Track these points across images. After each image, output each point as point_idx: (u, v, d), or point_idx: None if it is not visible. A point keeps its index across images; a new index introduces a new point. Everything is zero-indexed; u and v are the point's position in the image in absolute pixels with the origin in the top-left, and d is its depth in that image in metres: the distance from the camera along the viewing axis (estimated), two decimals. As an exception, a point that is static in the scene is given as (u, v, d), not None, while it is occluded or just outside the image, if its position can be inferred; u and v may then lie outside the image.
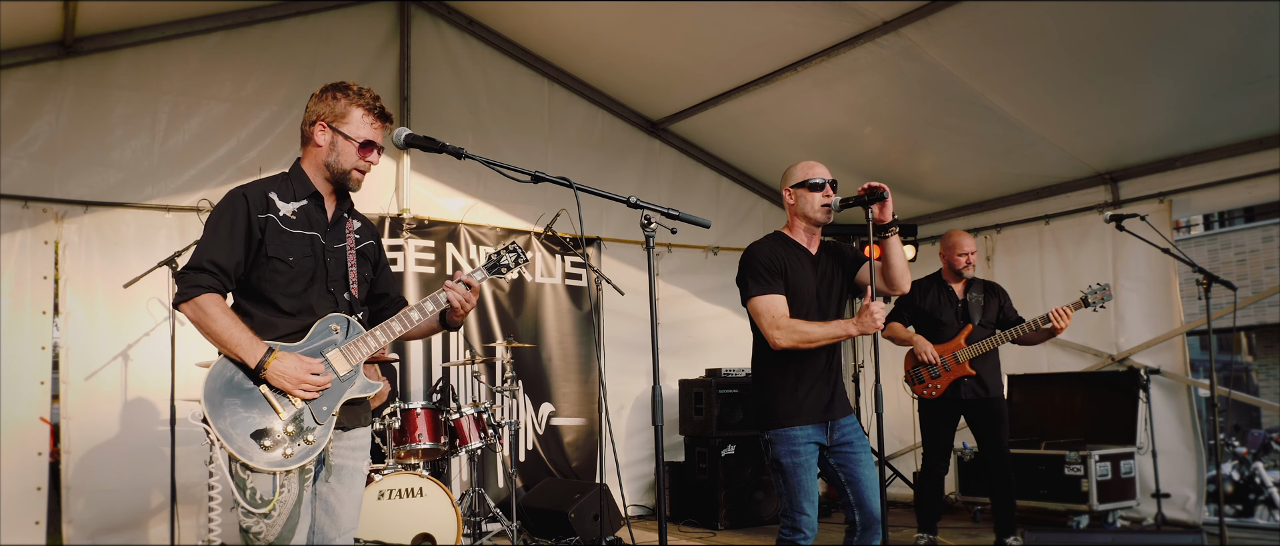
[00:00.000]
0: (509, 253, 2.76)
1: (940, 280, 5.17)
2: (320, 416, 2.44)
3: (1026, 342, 4.90)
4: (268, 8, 5.90)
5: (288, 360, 2.38)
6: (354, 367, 2.51)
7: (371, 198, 6.19)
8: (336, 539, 2.53)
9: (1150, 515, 5.83)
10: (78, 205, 5.28)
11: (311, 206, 2.58)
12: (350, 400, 2.52)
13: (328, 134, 2.55)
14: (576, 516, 5.32)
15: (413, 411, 4.93)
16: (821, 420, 3.19)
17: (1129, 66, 5.14)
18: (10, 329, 5.07)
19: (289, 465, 2.37)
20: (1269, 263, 14.96)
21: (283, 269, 2.48)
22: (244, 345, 2.36)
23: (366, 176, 2.64)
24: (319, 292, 2.54)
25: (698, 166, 7.69)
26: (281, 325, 2.48)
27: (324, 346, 2.49)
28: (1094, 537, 4.94)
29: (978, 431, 5.04)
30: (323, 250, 2.56)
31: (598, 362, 6.79)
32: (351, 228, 2.67)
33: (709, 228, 2.83)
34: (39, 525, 5.06)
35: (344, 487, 2.55)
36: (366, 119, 2.55)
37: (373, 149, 2.57)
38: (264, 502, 2.34)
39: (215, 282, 2.40)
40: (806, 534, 3.12)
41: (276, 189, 2.54)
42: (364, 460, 2.64)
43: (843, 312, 3.33)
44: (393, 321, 2.57)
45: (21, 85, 5.21)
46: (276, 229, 2.48)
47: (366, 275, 2.70)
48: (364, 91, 2.57)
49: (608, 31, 6.34)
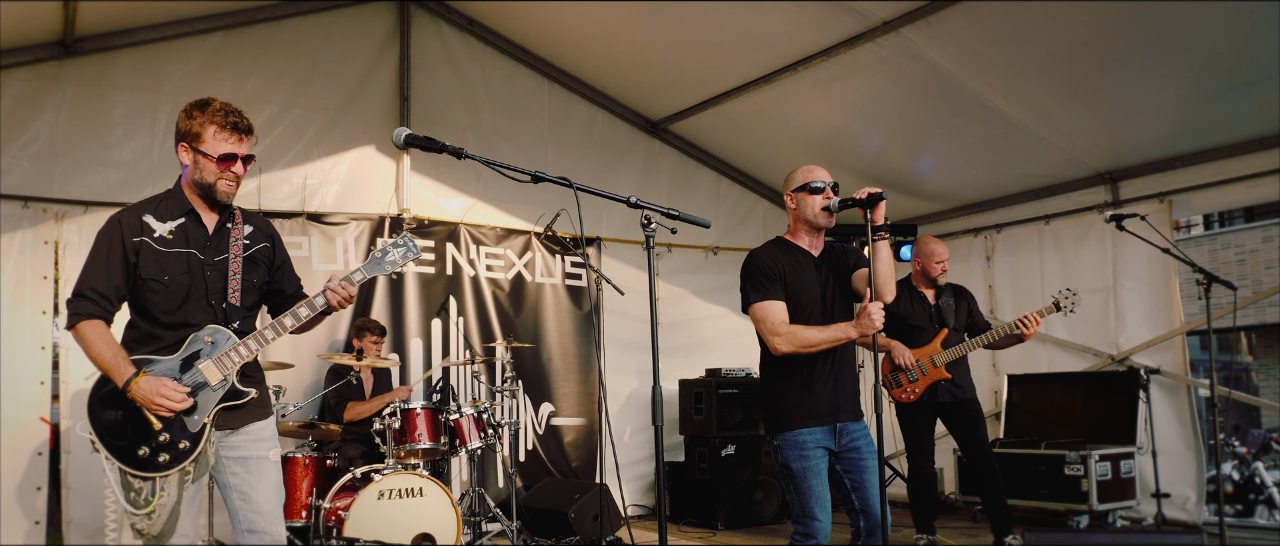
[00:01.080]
0: (397, 247, 2.84)
1: (911, 285, 5.19)
2: (193, 425, 2.64)
3: (996, 347, 4.97)
4: (268, 8, 5.90)
5: (145, 383, 2.57)
6: (224, 376, 2.69)
7: (371, 197, 6.19)
8: (260, 522, 2.74)
9: (1150, 515, 5.83)
10: (78, 205, 5.28)
11: (189, 223, 2.74)
12: (227, 407, 2.70)
13: (189, 153, 2.70)
14: (576, 516, 5.32)
15: (413, 411, 4.93)
16: (830, 422, 3.17)
17: (1129, 66, 5.14)
18: (10, 329, 5.07)
19: (166, 470, 2.59)
20: (1269, 263, 14.96)
21: (157, 288, 2.67)
22: (114, 368, 2.59)
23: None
24: (196, 306, 2.71)
25: (698, 166, 7.69)
26: (162, 336, 2.68)
27: (197, 357, 2.67)
28: (1094, 537, 4.94)
29: (957, 433, 5.07)
30: (200, 265, 2.72)
31: (598, 362, 6.79)
32: (239, 235, 2.82)
33: (709, 227, 2.83)
34: (39, 525, 5.06)
35: (253, 476, 2.75)
36: (221, 134, 2.67)
37: (234, 161, 2.70)
38: (146, 503, 2.58)
39: (95, 309, 2.63)
40: (820, 539, 3.10)
41: (154, 210, 2.73)
42: (270, 448, 2.82)
43: (850, 315, 3.32)
44: (266, 329, 2.74)
45: (21, 85, 5.21)
46: (151, 250, 2.67)
47: (254, 281, 2.84)
48: (221, 108, 2.68)
49: (608, 31, 6.34)
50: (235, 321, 2.75)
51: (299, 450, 4.84)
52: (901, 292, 5.18)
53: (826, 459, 3.17)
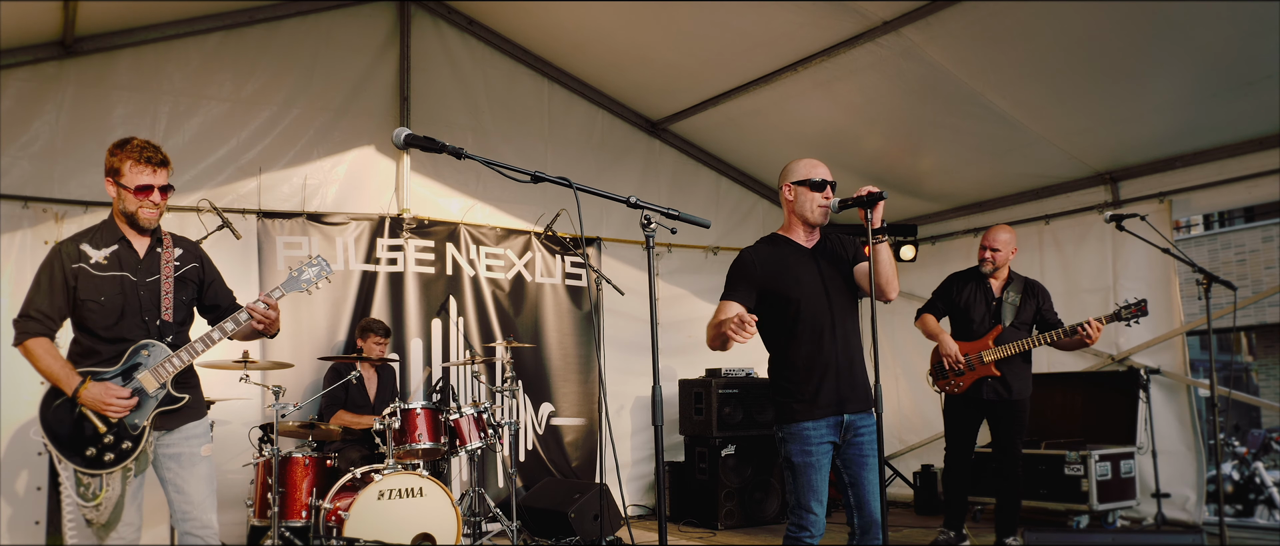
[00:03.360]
0: (311, 267, 3.26)
1: (980, 275, 5.09)
2: (133, 428, 3.00)
3: (1060, 348, 4.88)
4: (268, 8, 5.90)
5: (93, 388, 2.93)
6: (161, 384, 3.04)
7: (371, 198, 6.19)
8: (193, 512, 3.11)
9: (1150, 515, 5.83)
10: (78, 205, 5.28)
11: (122, 249, 3.08)
12: (164, 410, 3.06)
13: (113, 187, 3.05)
14: (576, 516, 5.32)
15: (413, 411, 4.93)
16: (836, 414, 3.14)
17: (1129, 66, 5.14)
18: (10, 328, 5.06)
19: (110, 467, 2.96)
20: (1269, 263, 14.95)
21: (95, 308, 3.01)
22: (61, 378, 2.94)
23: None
24: (131, 323, 3.05)
25: (698, 166, 7.69)
26: (103, 351, 3.02)
27: (134, 368, 3.01)
28: (1094, 537, 4.93)
29: (996, 432, 5.02)
30: (133, 286, 3.06)
31: (598, 362, 6.79)
32: (170, 257, 3.15)
33: (709, 227, 2.83)
34: (39, 525, 5.06)
35: (186, 470, 3.12)
36: (137, 168, 3.00)
37: (151, 190, 3.03)
38: (94, 496, 2.95)
39: (40, 327, 2.99)
40: (814, 532, 3.09)
41: (90, 240, 3.07)
42: (201, 445, 3.17)
43: (852, 306, 3.28)
44: (197, 342, 3.08)
45: (21, 85, 5.21)
46: (88, 276, 3.01)
47: (185, 298, 3.18)
48: (137, 146, 3.01)
49: (608, 31, 6.34)
50: (169, 336, 3.10)
51: (299, 450, 4.83)
52: (967, 281, 5.11)
53: (830, 453, 3.15)
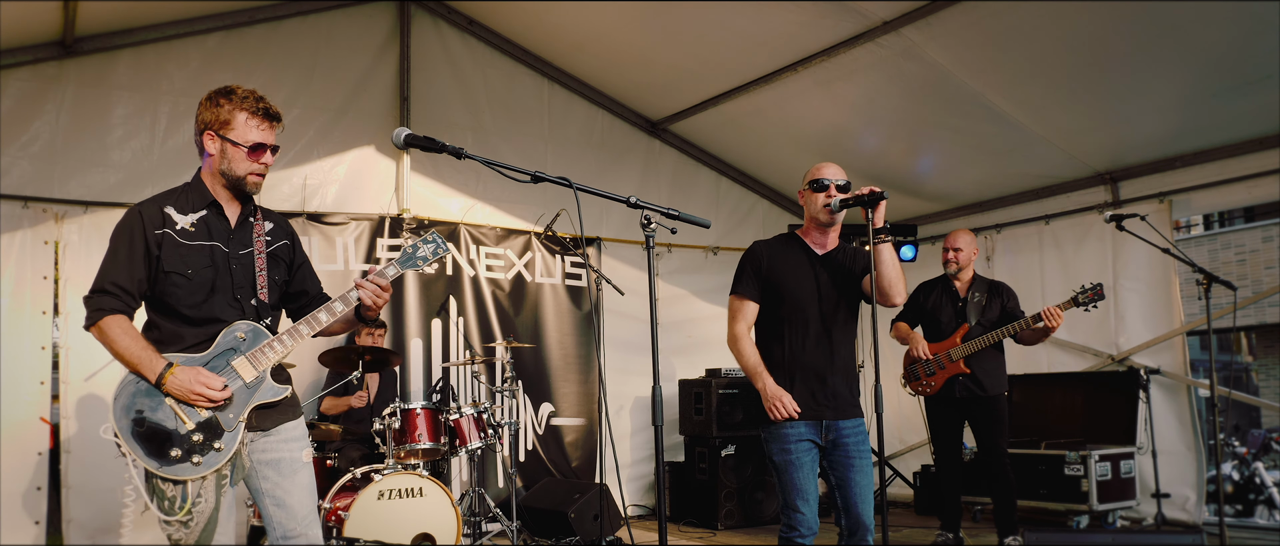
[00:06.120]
0: (427, 243, 2.73)
1: (945, 280, 5.20)
2: (227, 424, 2.49)
3: (1024, 342, 4.96)
4: (268, 8, 5.90)
5: (182, 374, 2.43)
6: (260, 374, 2.55)
7: (371, 198, 6.19)
8: (295, 527, 2.58)
9: (1150, 515, 5.83)
10: (78, 205, 5.28)
11: (211, 216, 2.61)
12: (261, 405, 2.56)
13: (216, 141, 2.57)
14: (576, 516, 5.32)
15: (413, 411, 4.93)
16: (814, 419, 3.20)
17: (1129, 66, 5.14)
18: (10, 329, 5.07)
19: (198, 472, 2.43)
20: (1269, 263, 14.95)
21: (181, 282, 2.52)
22: (144, 362, 2.43)
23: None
24: (223, 301, 2.56)
25: (698, 166, 7.69)
26: (188, 335, 2.53)
27: (230, 354, 2.53)
28: (1094, 537, 4.94)
29: (976, 431, 5.08)
30: (225, 258, 2.59)
31: (598, 362, 6.79)
32: (261, 231, 2.69)
33: (709, 227, 2.84)
34: (39, 525, 5.06)
35: (287, 479, 2.60)
36: (252, 121, 2.55)
37: (264, 151, 2.58)
38: (180, 509, 2.41)
39: (117, 304, 2.47)
40: (804, 532, 3.13)
41: (174, 202, 2.58)
42: (302, 450, 2.67)
43: (852, 319, 3.35)
44: (301, 325, 2.60)
45: (21, 85, 5.21)
46: (173, 243, 2.52)
47: (278, 278, 2.71)
48: (248, 94, 2.56)
49: (608, 31, 6.34)
50: (265, 319, 2.63)
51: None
52: (933, 287, 5.24)
53: (813, 452, 3.21)
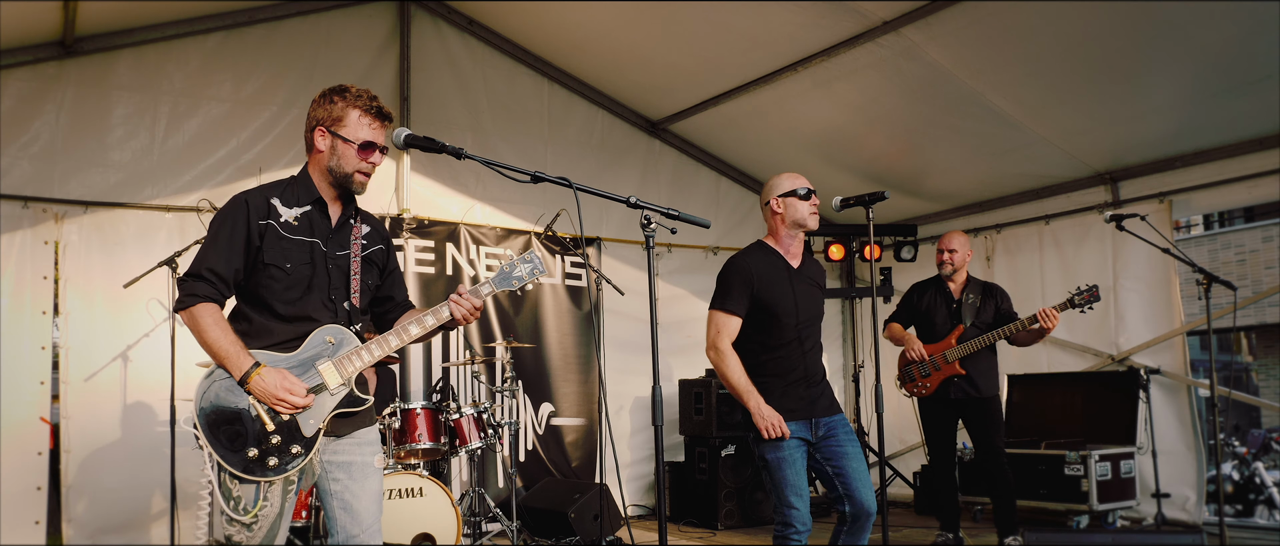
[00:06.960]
0: (525, 263, 2.65)
1: (939, 281, 5.19)
2: (307, 429, 2.43)
3: (1019, 343, 4.96)
4: (268, 8, 5.90)
5: (269, 376, 2.38)
6: (345, 381, 2.49)
7: (372, 198, 6.19)
8: (362, 535, 2.52)
9: (1150, 515, 5.83)
10: (78, 205, 5.28)
11: (315, 213, 2.57)
12: (342, 413, 2.50)
13: (327, 138, 2.54)
14: (576, 516, 5.32)
15: (413, 411, 4.93)
16: (805, 417, 3.26)
17: (1129, 66, 5.14)
18: (10, 329, 5.07)
19: (273, 475, 2.38)
20: (1269, 263, 14.96)
21: (279, 276, 2.47)
22: (231, 358, 2.38)
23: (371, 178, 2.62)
24: (317, 300, 2.52)
25: (698, 166, 7.69)
26: (278, 331, 2.48)
27: (317, 358, 2.47)
28: (1094, 537, 4.94)
29: (972, 432, 5.07)
30: (323, 257, 2.54)
31: (598, 362, 6.79)
32: (358, 233, 2.65)
33: (709, 227, 2.84)
34: (39, 525, 5.06)
35: (357, 483, 2.54)
36: (364, 120, 2.53)
37: (374, 150, 2.55)
38: (247, 511, 2.37)
39: (211, 291, 2.42)
40: (798, 527, 3.15)
41: (281, 194, 2.55)
42: (374, 455, 2.61)
43: (817, 332, 3.44)
44: (390, 335, 2.55)
45: (21, 85, 5.21)
46: (276, 235, 2.48)
47: (371, 283, 2.67)
48: (361, 93, 2.54)
49: (608, 31, 6.34)
50: (356, 324, 2.58)
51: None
52: (927, 288, 5.23)
53: (803, 450, 3.25)
